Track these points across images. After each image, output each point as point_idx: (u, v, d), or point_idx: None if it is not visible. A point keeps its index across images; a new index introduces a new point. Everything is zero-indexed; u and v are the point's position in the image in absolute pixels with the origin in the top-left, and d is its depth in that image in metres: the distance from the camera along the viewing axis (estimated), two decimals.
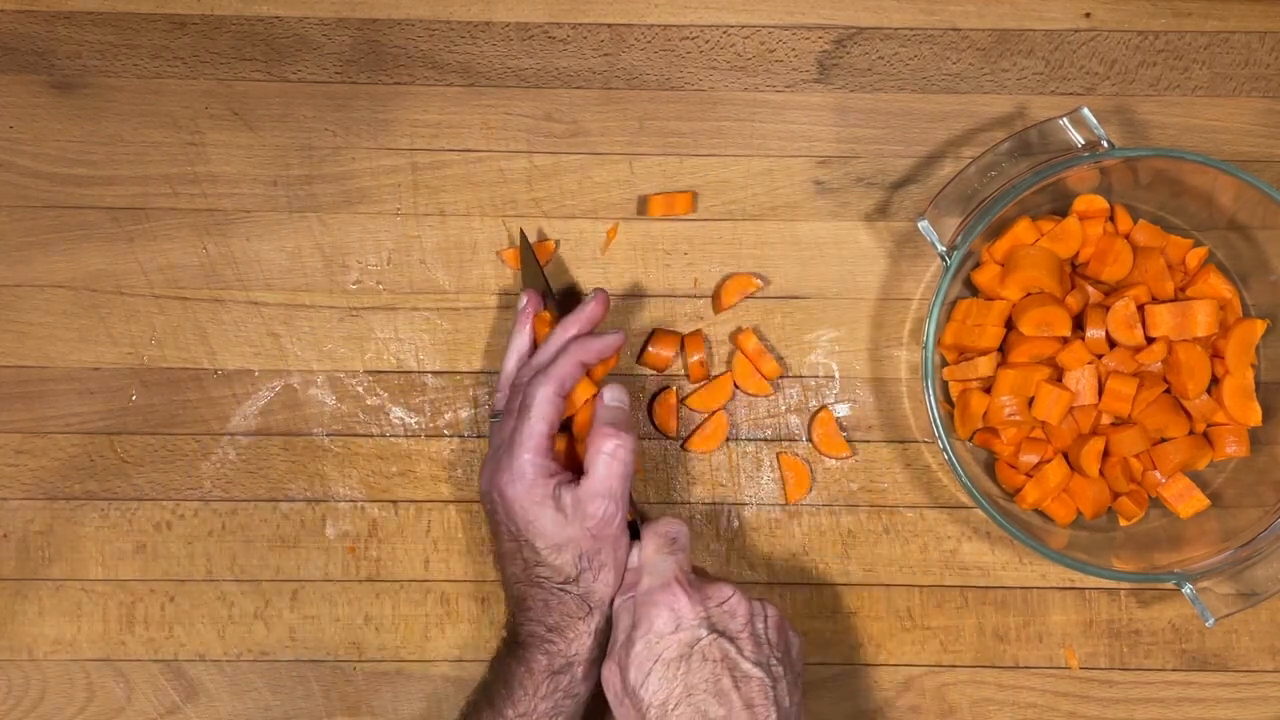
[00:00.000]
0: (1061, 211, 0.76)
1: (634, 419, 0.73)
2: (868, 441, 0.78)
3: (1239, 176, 0.72)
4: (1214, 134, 0.79)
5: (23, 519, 0.78)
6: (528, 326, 0.75)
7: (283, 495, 0.78)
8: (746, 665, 0.65)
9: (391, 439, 0.78)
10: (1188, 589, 0.72)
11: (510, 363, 0.75)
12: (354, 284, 0.79)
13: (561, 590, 0.69)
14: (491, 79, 0.80)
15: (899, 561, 0.78)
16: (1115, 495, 0.76)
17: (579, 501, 0.68)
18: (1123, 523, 0.77)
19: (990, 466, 0.77)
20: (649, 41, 0.80)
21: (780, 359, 0.79)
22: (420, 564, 0.78)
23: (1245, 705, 0.77)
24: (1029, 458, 0.75)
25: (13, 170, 0.79)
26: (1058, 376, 0.74)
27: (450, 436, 0.78)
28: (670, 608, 0.66)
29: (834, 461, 0.78)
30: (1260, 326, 0.75)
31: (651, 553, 0.69)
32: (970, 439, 0.77)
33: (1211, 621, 0.72)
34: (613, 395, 0.72)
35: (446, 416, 0.78)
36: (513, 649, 0.69)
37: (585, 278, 0.79)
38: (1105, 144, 0.73)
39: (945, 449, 0.72)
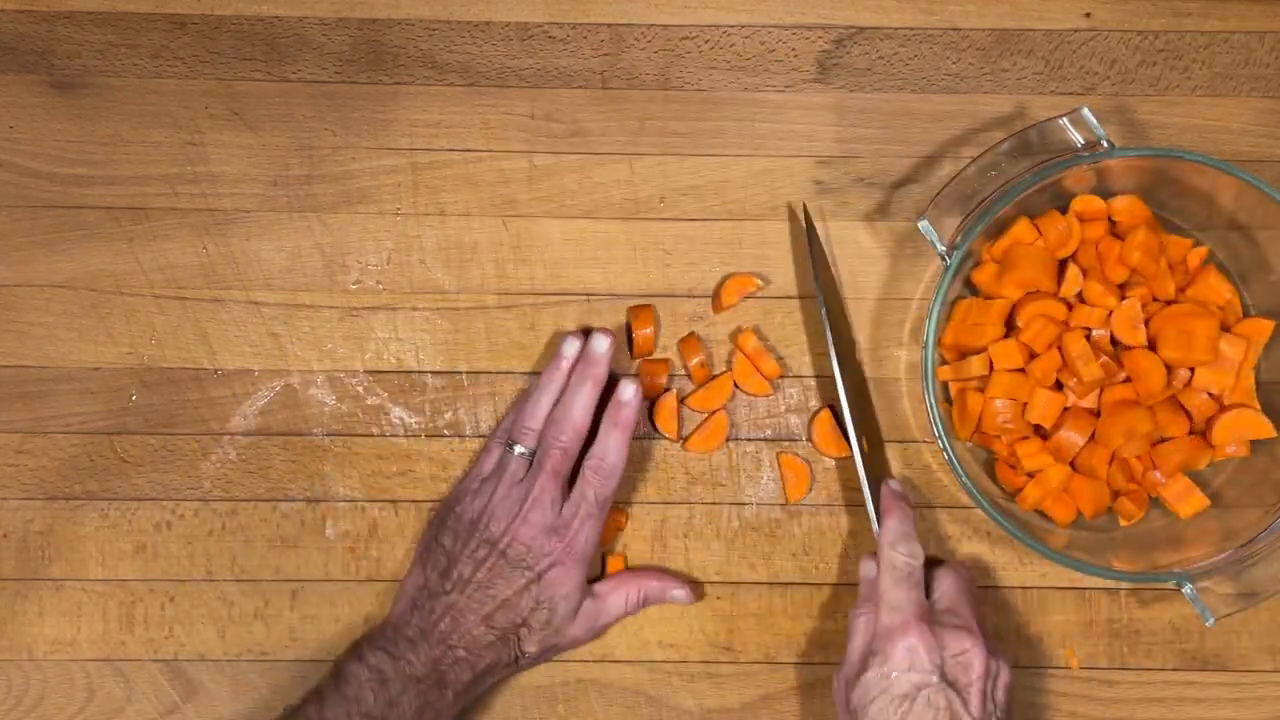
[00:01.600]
0: (1062, 211, 0.76)
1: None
2: None
3: (1239, 176, 0.72)
4: (1214, 134, 0.79)
5: (23, 519, 0.78)
6: (593, 385, 0.74)
7: (283, 495, 0.78)
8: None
9: (391, 439, 0.78)
10: (1188, 589, 0.72)
11: (558, 408, 0.75)
12: (354, 284, 0.79)
13: (517, 659, 0.73)
14: (491, 79, 0.80)
15: None
16: (1115, 495, 0.76)
17: (594, 615, 0.74)
18: (1123, 523, 0.77)
19: (990, 466, 0.77)
20: (649, 41, 0.80)
21: (780, 359, 0.79)
22: None
23: (1245, 705, 0.77)
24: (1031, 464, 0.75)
25: (13, 170, 0.79)
26: (1056, 382, 0.74)
27: (450, 436, 0.78)
28: (908, 648, 0.68)
29: (834, 461, 0.78)
30: (1267, 326, 0.75)
31: (890, 585, 0.70)
32: (970, 439, 0.77)
33: (1211, 621, 0.72)
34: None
35: (446, 416, 0.78)
36: (423, 681, 0.70)
37: (585, 277, 0.79)
38: (1105, 144, 0.73)
39: (945, 449, 0.72)
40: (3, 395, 0.78)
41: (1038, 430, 0.75)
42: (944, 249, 0.73)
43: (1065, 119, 0.74)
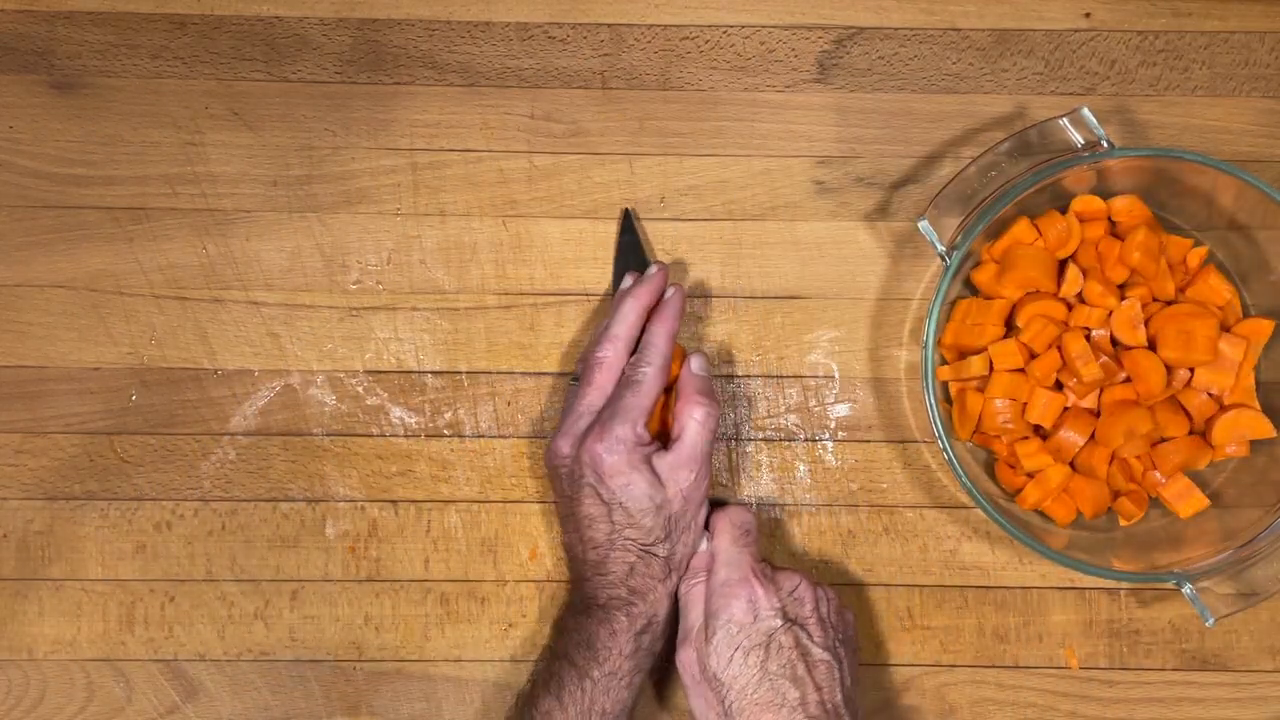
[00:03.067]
0: (1062, 211, 0.76)
1: (715, 386, 0.76)
2: (868, 441, 0.78)
3: (1239, 176, 0.72)
4: (1214, 134, 0.79)
5: (23, 519, 0.78)
6: (634, 301, 0.75)
7: (283, 495, 0.78)
8: (816, 651, 0.69)
9: (391, 439, 0.78)
10: (1188, 589, 0.72)
11: (601, 326, 0.76)
12: (354, 284, 0.79)
13: (647, 553, 0.71)
14: (491, 79, 0.80)
15: (899, 561, 0.78)
16: (1115, 495, 0.76)
17: (673, 467, 0.72)
18: (1123, 523, 0.77)
19: (990, 466, 0.77)
20: (649, 41, 0.80)
21: (780, 358, 0.79)
22: (420, 564, 0.78)
23: (1245, 705, 0.77)
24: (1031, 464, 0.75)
25: (13, 170, 0.79)
26: (1056, 382, 0.74)
27: (450, 436, 0.78)
28: (749, 599, 0.70)
29: (834, 461, 0.78)
30: (1267, 326, 0.75)
31: (727, 544, 0.72)
32: (970, 439, 0.77)
33: (1211, 621, 0.72)
34: (699, 364, 0.75)
35: (446, 416, 0.78)
36: (590, 611, 0.71)
37: (585, 277, 0.79)
38: (1105, 144, 0.73)
39: (945, 449, 0.72)
40: (3, 395, 0.78)
41: (1038, 430, 0.75)
42: (944, 249, 0.73)
43: (1065, 119, 0.74)
